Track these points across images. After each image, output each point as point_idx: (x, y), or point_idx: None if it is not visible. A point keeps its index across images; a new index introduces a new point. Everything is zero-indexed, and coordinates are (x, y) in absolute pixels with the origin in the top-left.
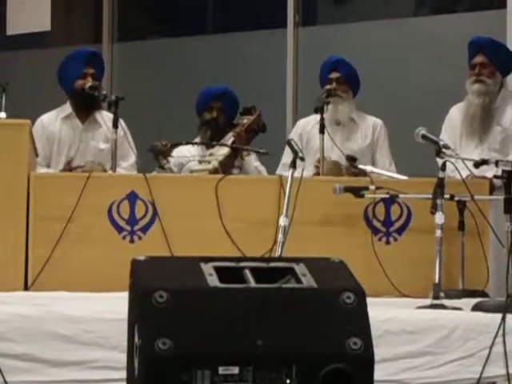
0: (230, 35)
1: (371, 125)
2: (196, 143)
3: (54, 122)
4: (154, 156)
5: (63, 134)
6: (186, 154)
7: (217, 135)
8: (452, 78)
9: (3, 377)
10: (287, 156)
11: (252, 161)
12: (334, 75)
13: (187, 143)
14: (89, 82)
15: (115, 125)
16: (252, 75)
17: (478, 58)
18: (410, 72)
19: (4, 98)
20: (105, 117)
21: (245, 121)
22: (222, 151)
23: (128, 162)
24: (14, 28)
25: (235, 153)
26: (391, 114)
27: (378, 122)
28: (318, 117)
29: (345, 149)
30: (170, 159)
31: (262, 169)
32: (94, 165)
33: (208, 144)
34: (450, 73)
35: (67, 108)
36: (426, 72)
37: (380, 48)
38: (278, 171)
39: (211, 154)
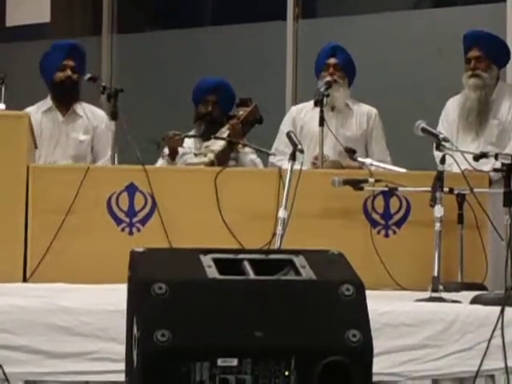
0: (230, 27)
1: (366, 113)
2: (196, 136)
3: (35, 115)
4: (159, 147)
5: (44, 127)
6: (184, 145)
7: (212, 129)
8: (452, 70)
9: (2, 368)
10: (279, 142)
11: (248, 153)
12: (332, 61)
13: (193, 136)
14: (75, 74)
15: (114, 117)
16: (252, 67)
17: (474, 52)
18: (409, 65)
19: (3, 89)
20: (85, 108)
21: (241, 112)
22: (218, 144)
23: (105, 157)
24: (13, 19)
25: (231, 145)
26: (391, 107)
27: (373, 110)
28: (311, 103)
29: (339, 135)
30: (180, 149)
31: (258, 161)
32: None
33: (208, 137)
34: (449, 66)
35: (48, 101)
36: (426, 65)
37: (380, 41)
38: (272, 156)
39: (207, 147)
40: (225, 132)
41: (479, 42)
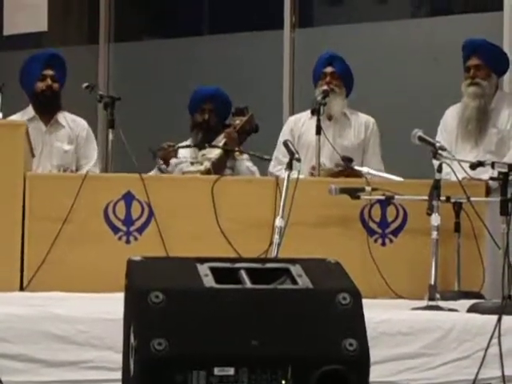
0: (227, 36)
1: (363, 122)
2: (189, 146)
3: None
4: (155, 156)
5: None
6: (179, 155)
7: (208, 137)
8: (449, 79)
9: None
10: (278, 152)
11: (244, 161)
12: (329, 70)
13: (187, 146)
14: (55, 83)
15: (111, 125)
16: (249, 76)
17: (473, 61)
18: (406, 73)
19: (0, 98)
20: (67, 117)
21: (237, 122)
22: (214, 152)
23: (91, 162)
24: (10, 28)
25: (227, 153)
26: (388, 116)
27: (371, 120)
28: (309, 113)
29: (336, 145)
30: (172, 161)
31: (254, 169)
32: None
33: (203, 146)
34: (446, 74)
35: (30, 111)
36: (423, 73)
37: (377, 50)
38: (271, 166)
39: (203, 155)
40: (221, 140)
41: (479, 50)
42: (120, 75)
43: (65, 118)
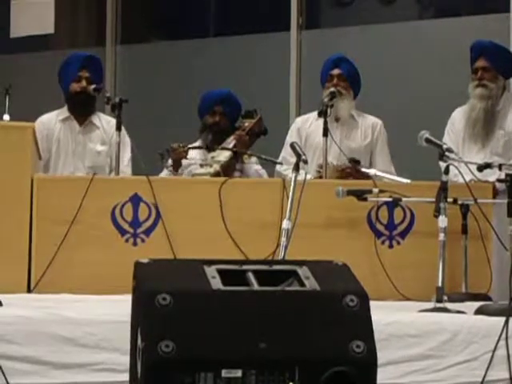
0: (234, 38)
1: (371, 124)
2: (200, 147)
3: (54, 123)
4: (163, 158)
5: (62, 136)
6: (189, 156)
7: (218, 139)
8: (455, 81)
9: (6, 379)
10: (285, 152)
11: (253, 164)
12: (336, 72)
13: (198, 148)
14: (90, 85)
15: (118, 127)
16: (255, 78)
17: (480, 62)
18: (413, 75)
19: (8, 100)
20: (102, 119)
21: (246, 124)
22: (223, 154)
23: (124, 163)
24: (17, 31)
25: (236, 156)
26: (394, 118)
27: (378, 121)
28: (316, 114)
29: (343, 147)
30: (183, 162)
31: (263, 172)
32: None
33: (213, 148)
34: (453, 76)
35: (65, 111)
36: (430, 75)
37: (383, 51)
38: (278, 165)
39: (213, 158)
40: (230, 143)
41: (486, 52)
42: (127, 77)
43: (99, 119)
